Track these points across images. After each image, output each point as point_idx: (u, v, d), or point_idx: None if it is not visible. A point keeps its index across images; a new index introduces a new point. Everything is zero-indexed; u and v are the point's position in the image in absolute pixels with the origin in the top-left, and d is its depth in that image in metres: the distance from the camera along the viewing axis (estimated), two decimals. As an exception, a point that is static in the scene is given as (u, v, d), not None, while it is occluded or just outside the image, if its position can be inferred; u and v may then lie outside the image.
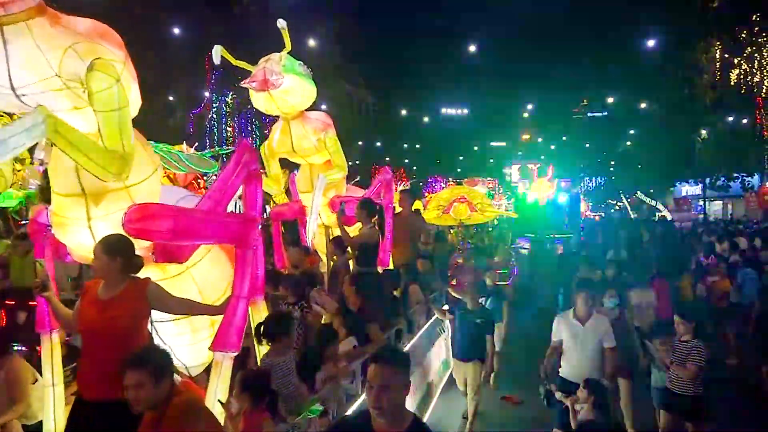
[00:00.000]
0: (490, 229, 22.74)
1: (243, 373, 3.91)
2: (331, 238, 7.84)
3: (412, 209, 11.22)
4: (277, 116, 7.54)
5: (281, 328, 4.49)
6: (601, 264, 12.29)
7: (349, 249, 7.61)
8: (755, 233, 24.25)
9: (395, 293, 7.40)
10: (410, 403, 6.87)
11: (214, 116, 33.02)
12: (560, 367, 6.49)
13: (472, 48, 28.17)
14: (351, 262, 7.59)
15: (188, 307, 4.24)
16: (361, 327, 5.68)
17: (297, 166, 8.43)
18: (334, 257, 7.65)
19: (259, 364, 4.66)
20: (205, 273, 4.55)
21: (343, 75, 37.58)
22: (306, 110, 7.65)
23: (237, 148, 4.69)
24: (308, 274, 7.04)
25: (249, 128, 33.49)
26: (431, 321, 8.64)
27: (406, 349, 7.09)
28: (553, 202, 20.33)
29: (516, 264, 16.63)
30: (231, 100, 32.70)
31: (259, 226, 4.46)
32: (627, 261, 14.28)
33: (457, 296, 8.29)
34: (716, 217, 42.28)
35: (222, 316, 4.25)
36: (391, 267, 8.52)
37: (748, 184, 35.34)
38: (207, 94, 32.21)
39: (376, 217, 7.32)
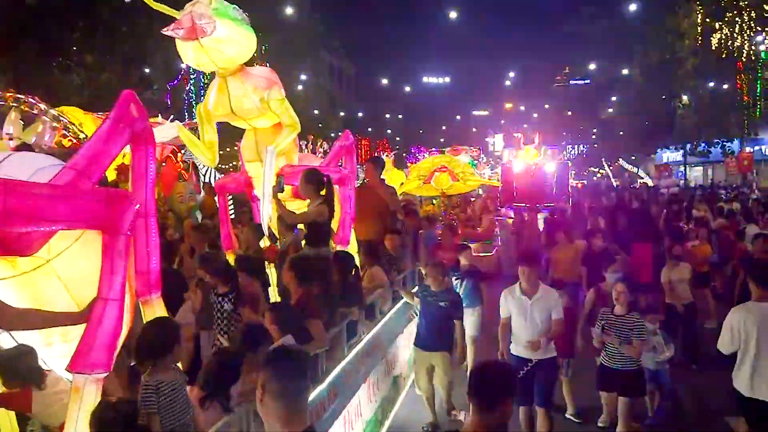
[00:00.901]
0: (473, 198, 21.62)
1: (98, 408, 2.75)
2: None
3: (381, 179, 9.83)
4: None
5: (164, 338, 3.32)
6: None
7: (301, 226, 6.44)
8: (734, 198, 23.62)
9: (350, 276, 6.24)
10: (369, 406, 5.76)
11: (192, 88, 31.42)
12: (511, 343, 5.93)
13: (454, 15, 26.71)
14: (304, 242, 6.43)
15: (37, 319, 3.07)
16: (299, 323, 4.51)
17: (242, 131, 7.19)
18: (285, 236, 6.49)
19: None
20: (74, 265, 3.33)
21: (324, 44, 35.99)
22: (249, 66, 6.46)
23: (118, 101, 3.45)
24: (243, 258, 5.88)
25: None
26: (398, 306, 7.44)
27: (365, 340, 5.97)
28: (540, 170, 19.12)
29: (500, 235, 15.54)
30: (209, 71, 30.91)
31: (137, 206, 3.24)
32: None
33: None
34: (696, 183, 41.39)
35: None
36: (354, 245, 7.36)
37: (729, 150, 34.27)
38: (184, 65, 30.53)
39: (325, 190, 6.10)
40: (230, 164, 30.73)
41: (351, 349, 5.49)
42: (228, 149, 34.29)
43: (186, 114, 31.02)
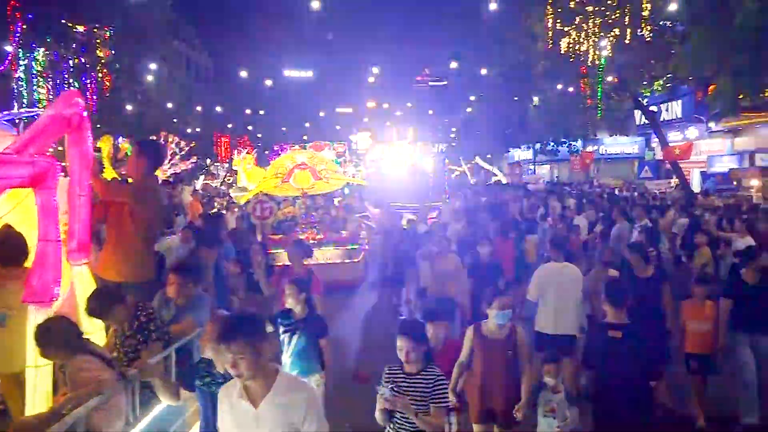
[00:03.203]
0: (339, 199, 19.85)
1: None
2: None
3: (151, 176, 5.79)
4: None
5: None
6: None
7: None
8: (579, 194, 24.50)
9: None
10: None
11: (22, 76, 26.83)
12: None
13: (316, 5, 24.76)
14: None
15: None
16: None
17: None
18: None
19: None
20: None
21: (178, 35, 32.42)
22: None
23: None
24: None
25: (66, 88, 27.67)
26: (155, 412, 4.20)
27: None
28: (415, 166, 17.78)
29: (366, 238, 13.96)
30: (42, 57, 26.72)
31: None
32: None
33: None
34: (545, 180, 42.95)
35: None
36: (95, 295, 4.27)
37: (574, 149, 35.64)
38: (11, 49, 25.94)
39: None
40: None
41: None
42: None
43: (15, 104, 26.51)
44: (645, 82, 29.37)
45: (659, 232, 12.48)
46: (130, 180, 5.69)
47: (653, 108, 30.13)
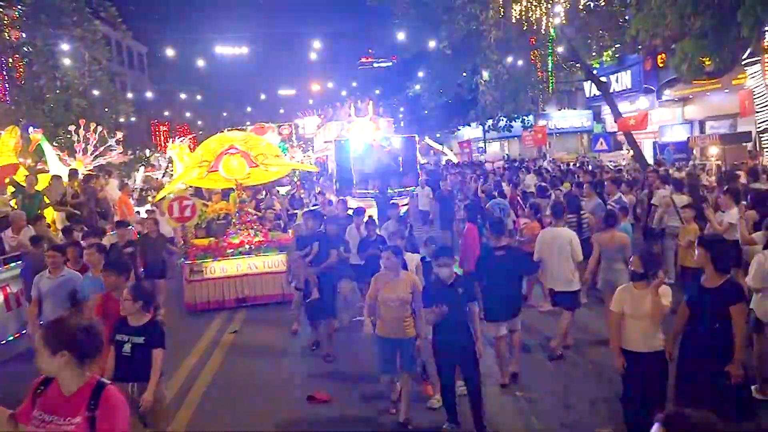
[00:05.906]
0: (286, 188, 17.19)
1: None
2: None
3: None
4: None
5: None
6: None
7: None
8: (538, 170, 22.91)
9: None
10: None
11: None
12: None
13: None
14: None
15: None
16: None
17: None
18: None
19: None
20: None
21: (97, 14, 28.41)
22: None
23: None
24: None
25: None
26: None
27: None
28: (381, 146, 15.25)
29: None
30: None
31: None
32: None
33: None
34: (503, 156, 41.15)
35: None
36: None
37: (527, 124, 33.72)
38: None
39: None
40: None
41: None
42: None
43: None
44: (594, 53, 27.68)
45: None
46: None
47: (603, 79, 28.47)
